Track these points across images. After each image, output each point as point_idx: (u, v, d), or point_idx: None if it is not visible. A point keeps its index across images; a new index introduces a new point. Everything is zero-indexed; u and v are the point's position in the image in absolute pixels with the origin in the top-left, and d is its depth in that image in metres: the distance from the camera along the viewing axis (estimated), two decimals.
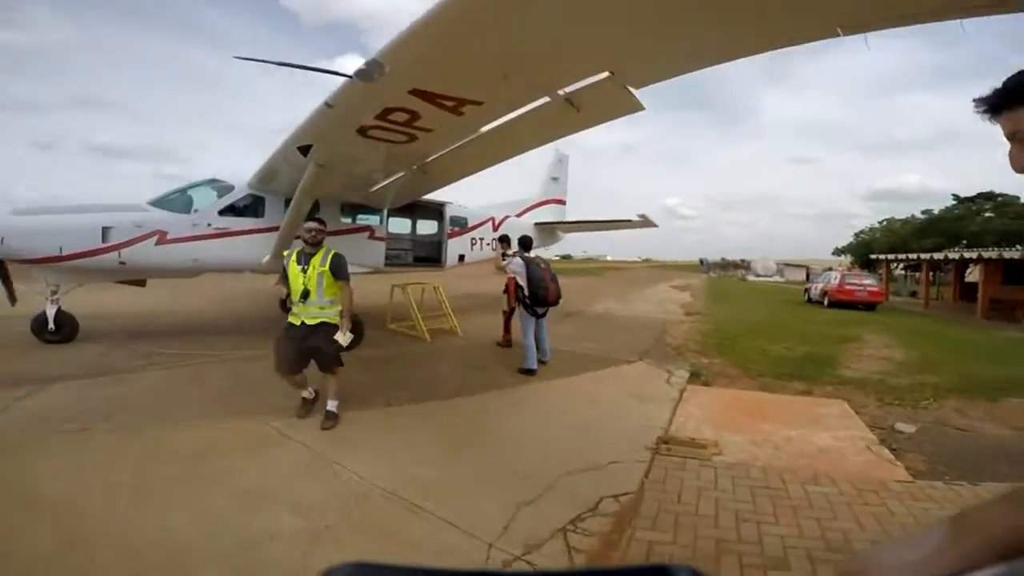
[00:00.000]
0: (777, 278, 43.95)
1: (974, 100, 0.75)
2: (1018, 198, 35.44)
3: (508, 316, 7.78)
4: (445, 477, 3.43)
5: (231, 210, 7.38)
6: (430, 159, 5.13)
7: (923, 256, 22.24)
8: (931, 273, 23.91)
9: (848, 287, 17.21)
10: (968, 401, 5.71)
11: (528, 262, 6.60)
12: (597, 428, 4.47)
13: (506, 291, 7.57)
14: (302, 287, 4.04)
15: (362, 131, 4.16)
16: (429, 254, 10.20)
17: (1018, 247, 22.46)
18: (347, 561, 0.31)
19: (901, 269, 37.64)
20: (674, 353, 8.05)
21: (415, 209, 10.11)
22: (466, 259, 10.35)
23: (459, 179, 5.82)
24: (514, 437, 4.23)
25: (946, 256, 20.85)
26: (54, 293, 7.05)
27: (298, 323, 4.08)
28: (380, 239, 8.73)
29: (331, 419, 4.12)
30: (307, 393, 4.33)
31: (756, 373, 6.84)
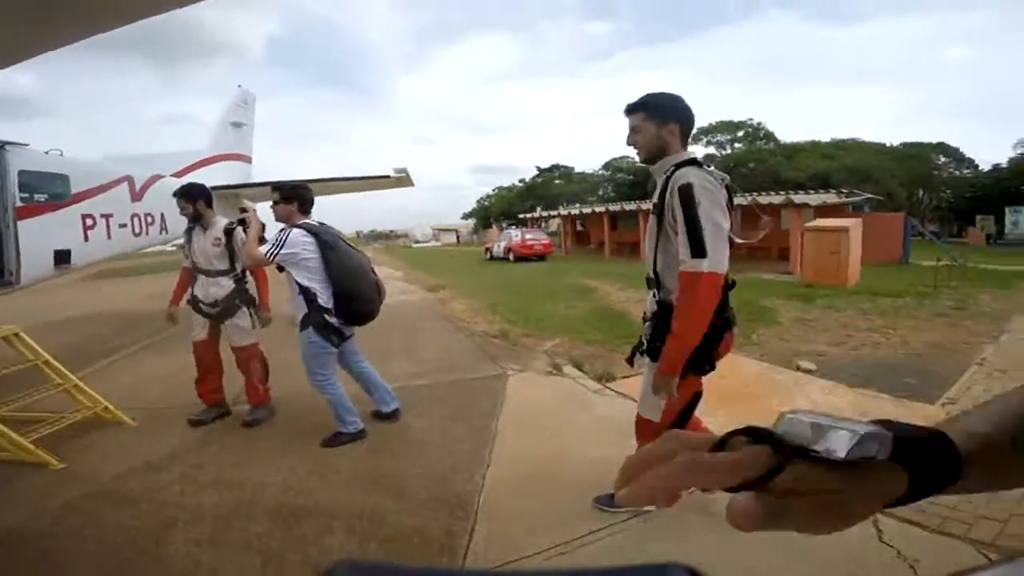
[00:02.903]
0: (434, 243, 47.22)
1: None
2: (573, 168, 49.68)
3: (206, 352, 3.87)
4: None
5: None
6: None
7: (564, 213, 26.96)
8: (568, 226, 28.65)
9: (529, 243, 19.78)
10: None
11: (325, 237, 3.15)
12: None
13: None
14: None
15: None
16: None
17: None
18: (346, 560, 0.29)
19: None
20: (510, 345, 6.01)
21: None
22: (75, 258, 4.94)
23: None
24: None
25: (583, 212, 26.11)
26: None
27: None
28: None
29: None
30: None
31: (610, 344, 5.70)
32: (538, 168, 50.40)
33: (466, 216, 56.12)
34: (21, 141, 4.55)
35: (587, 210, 23.96)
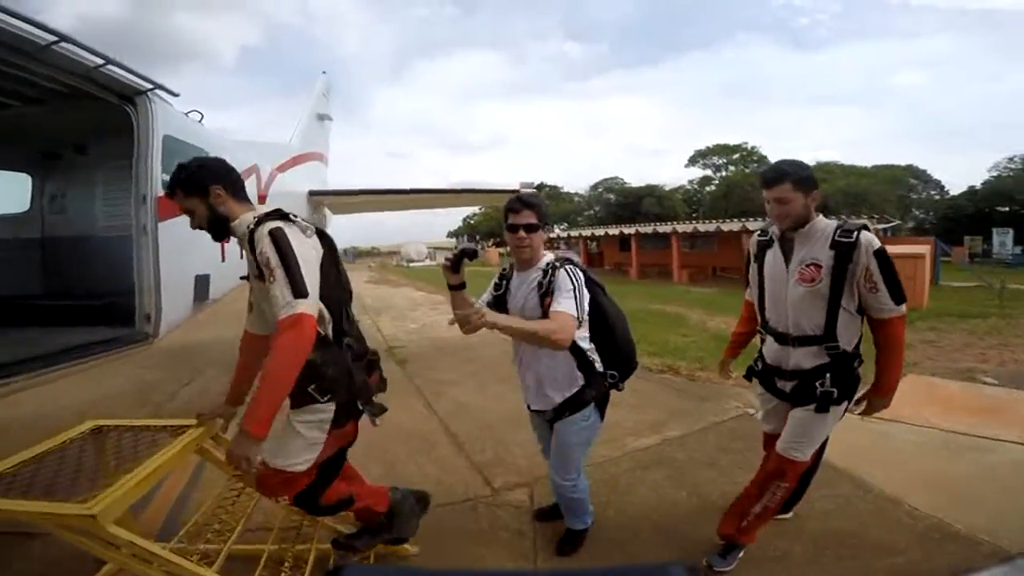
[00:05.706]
0: (429, 262, 43.49)
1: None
2: (560, 188, 49.60)
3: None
4: None
5: None
6: None
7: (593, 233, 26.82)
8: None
9: None
10: None
11: (592, 275, 2.18)
12: None
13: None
14: None
15: None
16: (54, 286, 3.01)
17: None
18: (349, 562, 0.29)
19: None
20: (689, 380, 5.32)
21: None
22: (216, 288, 3.55)
23: None
24: None
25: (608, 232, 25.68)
26: None
27: None
28: None
29: None
30: None
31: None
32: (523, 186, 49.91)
33: (452, 234, 55.19)
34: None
35: (613, 231, 23.44)
